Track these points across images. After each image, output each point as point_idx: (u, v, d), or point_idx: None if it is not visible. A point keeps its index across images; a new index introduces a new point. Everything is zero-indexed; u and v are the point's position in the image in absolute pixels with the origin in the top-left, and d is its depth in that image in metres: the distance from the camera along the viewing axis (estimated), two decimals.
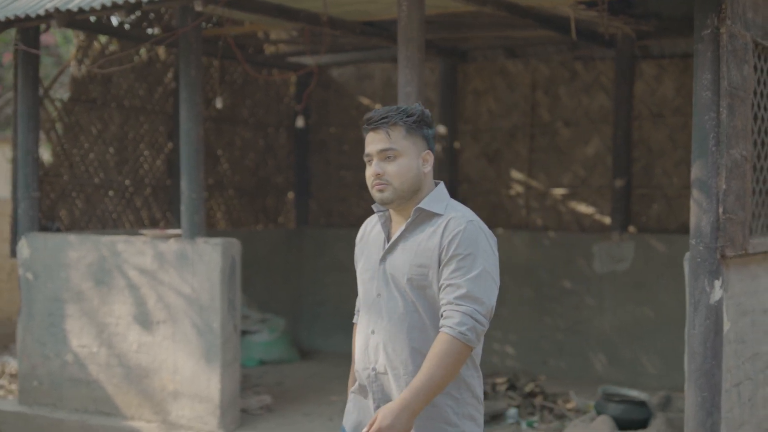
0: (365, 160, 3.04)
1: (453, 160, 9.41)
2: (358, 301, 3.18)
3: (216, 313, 6.33)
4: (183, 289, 6.43)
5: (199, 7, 5.82)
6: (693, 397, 4.84)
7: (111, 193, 8.42)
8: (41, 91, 7.59)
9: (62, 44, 15.48)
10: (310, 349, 9.77)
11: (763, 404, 5.45)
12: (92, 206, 8.22)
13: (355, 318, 3.25)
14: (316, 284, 9.93)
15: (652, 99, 8.64)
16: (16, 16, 6.34)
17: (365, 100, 10.00)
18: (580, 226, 8.98)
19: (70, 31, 11.14)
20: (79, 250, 6.83)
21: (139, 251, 6.60)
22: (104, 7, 5.91)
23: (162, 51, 8.74)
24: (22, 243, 7.07)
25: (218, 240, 6.38)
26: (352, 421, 3.13)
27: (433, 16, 7.14)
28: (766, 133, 5.31)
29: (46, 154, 8.65)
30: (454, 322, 2.84)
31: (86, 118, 8.19)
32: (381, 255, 3.03)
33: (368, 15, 7.26)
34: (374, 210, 3.13)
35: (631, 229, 8.46)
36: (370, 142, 3.00)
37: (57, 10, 6.13)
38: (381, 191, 2.99)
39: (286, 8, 6.83)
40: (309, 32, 8.21)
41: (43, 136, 7.77)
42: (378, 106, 9.82)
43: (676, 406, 6.53)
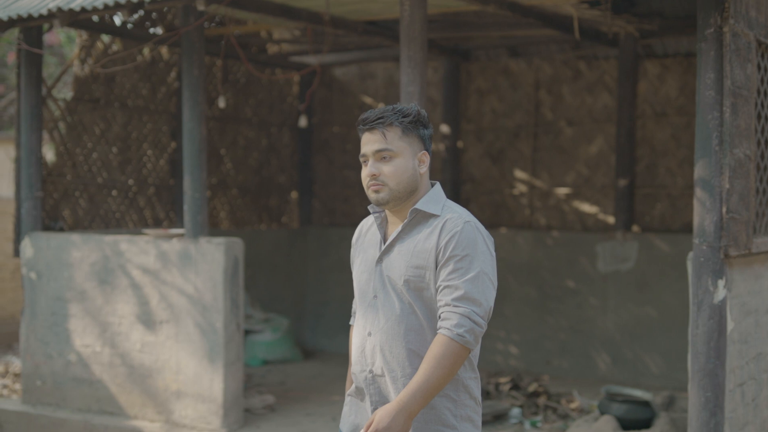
0: (361, 161, 3.01)
1: (456, 159, 9.40)
2: (355, 303, 3.16)
3: (219, 312, 6.33)
4: (186, 288, 6.42)
5: (201, 7, 5.82)
6: (696, 398, 4.83)
7: (114, 192, 8.42)
8: (44, 91, 7.60)
9: (66, 44, 15.48)
10: (313, 349, 9.77)
11: (767, 404, 5.44)
12: (95, 206, 8.22)
13: (352, 320, 3.22)
14: (320, 284, 9.93)
15: (656, 98, 8.62)
16: (19, 15, 6.34)
17: (368, 100, 9.99)
18: (583, 225, 8.97)
19: (74, 31, 11.15)
20: (82, 250, 6.83)
21: (142, 251, 6.60)
22: (106, 7, 5.91)
23: (165, 50, 8.74)
24: (26, 242, 7.07)
25: (221, 239, 6.38)
26: (350, 423, 3.11)
27: (436, 15, 7.15)
28: None
29: (49, 154, 8.66)
30: (452, 323, 2.82)
31: (89, 118, 8.19)
32: (377, 256, 3.01)
33: (370, 14, 7.26)
34: (370, 211, 3.11)
35: (635, 228, 8.44)
36: (366, 143, 2.99)
37: (59, 9, 6.13)
38: (377, 192, 2.96)
39: (288, 7, 6.82)
40: (312, 31, 8.21)
41: (46, 136, 7.78)
42: (381, 106, 9.82)
43: (679, 406, 6.52)
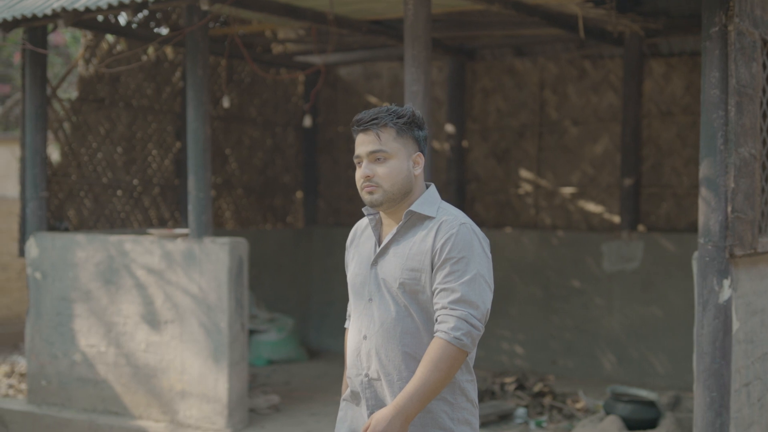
0: (355, 162, 2.99)
1: (461, 159, 9.39)
2: (350, 306, 3.13)
3: (223, 312, 6.32)
4: (190, 288, 6.42)
5: (205, 6, 5.81)
6: (702, 398, 4.81)
7: (119, 192, 8.43)
8: (49, 91, 7.60)
9: (71, 44, 15.50)
10: (318, 349, 9.76)
11: None
12: (100, 206, 8.22)
13: (347, 323, 3.19)
14: (325, 283, 9.92)
15: (661, 97, 8.60)
16: (23, 15, 6.35)
17: (373, 99, 9.98)
18: (588, 225, 8.94)
19: (79, 31, 11.16)
20: (87, 250, 6.84)
21: (146, 251, 6.60)
22: (111, 7, 5.91)
23: (170, 50, 8.74)
24: (31, 242, 7.08)
25: (225, 239, 6.38)
26: (346, 429, 3.08)
27: (440, 14, 7.13)
28: None
29: (54, 154, 8.66)
30: (449, 327, 2.80)
31: (94, 118, 8.19)
32: (372, 259, 2.99)
33: (375, 14, 7.25)
34: (364, 213, 3.08)
35: (641, 228, 8.42)
36: (360, 144, 2.96)
37: (64, 9, 6.13)
38: (370, 193, 2.94)
39: (292, 7, 6.82)
40: (316, 31, 8.20)
41: (51, 136, 7.78)
42: (385, 105, 9.80)
43: (685, 406, 6.50)
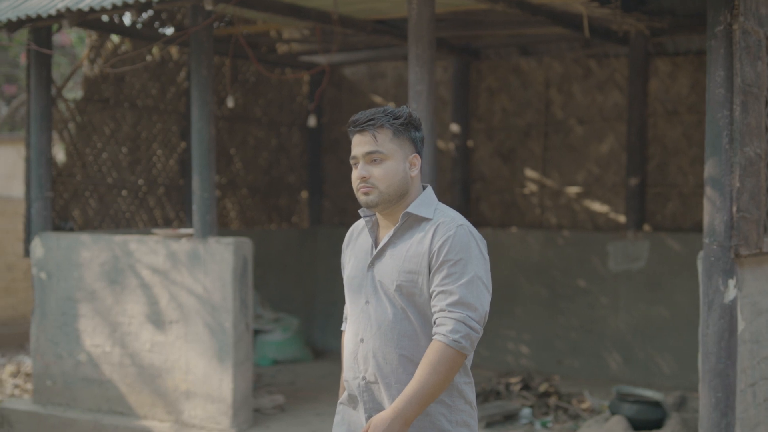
0: (351, 163, 2.98)
1: (466, 158, 9.38)
2: (346, 309, 3.12)
3: (228, 312, 6.32)
4: (195, 288, 6.42)
5: (209, 6, 5.81)
6: (707, 398, 4.80)
7: (124, 192, 8.43)
8: (54, 91, 7.61)
9: (77, 44, 15.52)
10: (323, 349, 9.76)
11: None
12: (105, 206, 8.23)
13: (343, 326, 3.18)
14: (330, 283, 9.91)
15: (667, 96, 8.57)
16: (28, 16, 6.35)
17: (378, 99, 9.97)
18: (594, 224, 8.92)
19: (84, 31, 11.16)
20: (91, 250, 6.84)
21: (151, 251, 6.60)
22: (115, 7, 5.91)
23: (175, 50, 8.74)
24: (36, 242, 7.08)
25: (230, 239, 6.38)
26: None
27: (445, 14, 7.12)
28: None
29: (59, 154, 8.67)
30: (447, 329, 2.79)
31: (99, 118, 8.20)
32: (369, 261, 2.97)
33: (379, 13, 7.24)
34: (361, 215, 3.07)
35: (646, 227, 8.39)
36: (356, 145, 2.95)
37: (68, 9, 6.13)
38: (366, 194, 2.93)
39: (296, 7, 6.81)
40: (321, 31, 8.19)
41: (56, 136, 7.79)
42: (391, 105, 9.80)
43: (691, 406, 6.48)
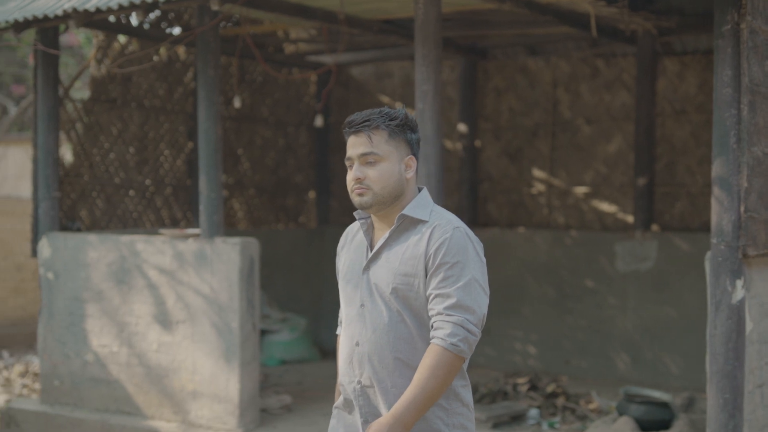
0: (346, 164, 2.96)
1: (474, 158, 9.36)
2: (341, 313, 3.09)
3: (235, 312, 6.32)
4: (202, 288, 6.42)
5: (215, 6, 5.81)
6: (715, 399, 4.78)
7: (131, 192, 8.44)
8: (61, 92, 7.62)
9: (85, 45, 15.54)
10: (330, 349, 9.74)
11: None
12: (113, 206, 8.24)
13: (339, 329, 3.15)
14: (337, 283, 9.89)
15: (675, 96, 8.54)
16: (35, 16, 6.35)
17: (385, 99, 9.96)
18: (602, 224, 8.90)
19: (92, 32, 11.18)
20: (99, 250, 6.85)
21: (158, 251, 6.60)
22: (121, 7, 5.92)
23: (182, 51, 8.75)
24: (43, 242, 7.09)
25: (237, 239, 6.37)
26: None
27: (452, 13, 7.10)
28: None
29: (67, 155, 8.68)
30: (445, 333, 2.77)
31: (106, 118, 8.21)
32: (364, 264, 2.96)
33: (386, 13, 7.23)
34: (356, 217, 3.05)
35: (654, 227, 8.36)
36: (352, 146, 2.93)
37: (75, 10, 6.14)
38: (360, 195, 2.91)
39: (303, 7, 6.80)
40: (327, 31, 8.19)
41: (63, 136, 7.80)
42: (398, 105, 9.79)
43: (699, 407, 6.45)
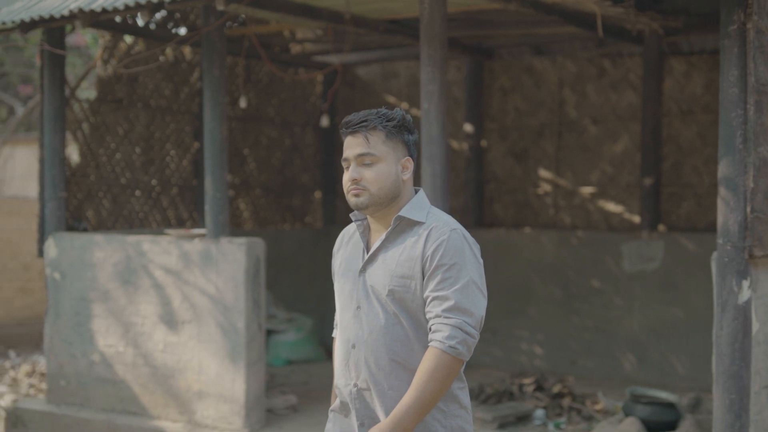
0: (343, 165, 2.95)
1: (480, 158, 9.35)
2: (337, 315, 3.07)
3: (240, 313, 6.32)
4: (208, 288, 6.43)
5: (220, 6, 5.81)
6: (721, 400, 4.77)
7: (138, 193, 8.45)
8: (67, 92, 7.63)
9: (92, 45, 15.56)
10: None
11: None
12: (119, 206, 8.25)
13: (335, 332, 3.13)
14: None
15: (681, 96, 8.52)
16: (41, 16, 6.36)
17: (391, 99, 9.96)
18: (608, 224, 8.88)
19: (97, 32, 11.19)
20: (105, 250, 6.85)
21: (164, 251, 6.61)
22: (127, 7, 5.92)
23: (188, 51, 8.75)
24: (49, 242, 7.10)
25: (242, 240, 6.38)
26: None
27: (457, 13, 7.09)
28: None
29: (73, 155, 8.70)
30: (443, 335, 2.75)
31: (113, 118, 8.22)
32: (360, 266, 2.94)
33: (392, 13, 7.23)
34: (352, 219, 3.04)
35: (661, 227, 8.35)
36: (348, 146, 2.92)
37: (81, 10, 6.14)
38: (356, 196, 2.89)
39: (308, 7, 6.80)
40: (333, 31, 8.18)
41: (69, 137, 7.81)
42: (404, 105, 9.78)
43: (705, 407, 6.43)
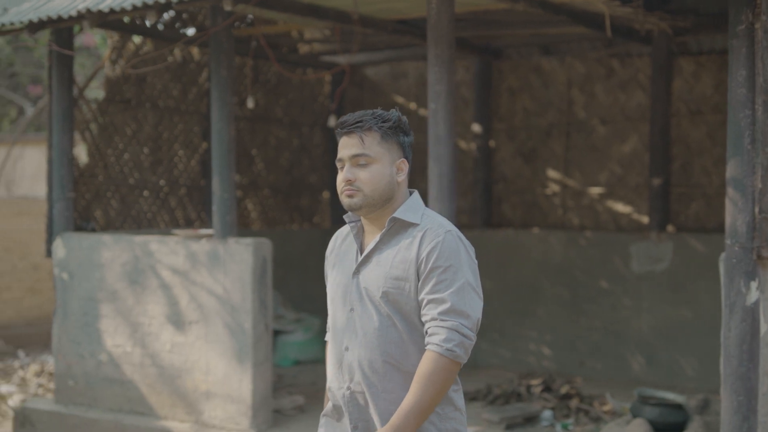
0: (337, 165, 2.94)
1: (488, 158, 9.34)
2: (330, 318, 3.04)
3: (247, 313, 6.32)
4: (215, 289, 6.43)
5: (228, 7, 5.81)
6: (728, 401, 4.75)
7: (146, 193, 8.46)
8: (76, 92, 7.64)
9: (101, 45, 15.60)
10: None
11: None
12: (127, 206, 8.26)
13: (328, 335, 3.09)
14: None
15: (690, 96, 8.49)
16: (49, 17, 6.36)
17: (399, 99, 9.95)
18: (617, 225, 8.86)
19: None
20: (113, 250, 6.86)
21: (171, 251, 6.61)
22: (135, 8, 5.92)
23: (196, 51, 8.76)
24: (58, 243, 7.12)
25: (249, 240, 6.38)
26: None
27: (465, 13, 7.08)
28: None
29: (81, 155, 8.71)
30: (440, 339, 2.73)
31: (121, 119, 8.23)
32: (354, 268, 2.92)
33: (400, 13, 7.22)
34: (345, 220, 3.02)
35: (670, 228, 8.32)
36: (343, 147, 2.91)
37: (89, 10, 6.14)
38: (350, 197, 2.89)
39: (316, 7, 6.79)
40: (341, 31, 8.18)
41: (78, 137, 7.82)
42: (412, 105, 9.78)
43: (713, 409, 6.40)
